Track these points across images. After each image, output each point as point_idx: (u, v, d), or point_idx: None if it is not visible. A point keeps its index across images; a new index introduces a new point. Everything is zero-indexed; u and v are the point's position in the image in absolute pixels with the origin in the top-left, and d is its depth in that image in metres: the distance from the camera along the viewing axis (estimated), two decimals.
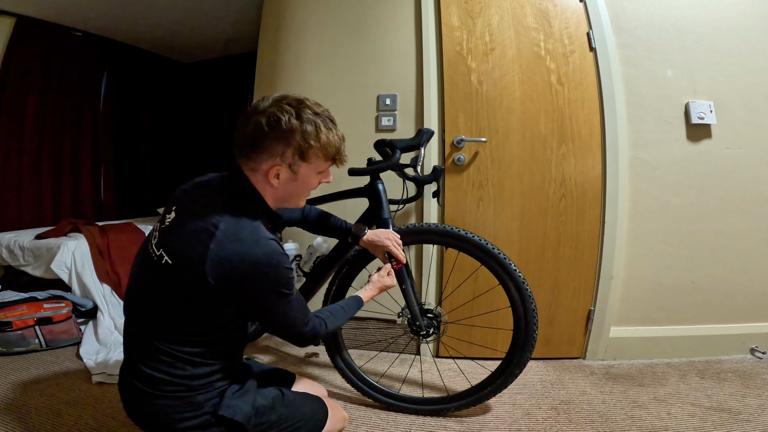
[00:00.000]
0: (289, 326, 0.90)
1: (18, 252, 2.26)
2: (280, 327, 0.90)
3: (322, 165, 0.89)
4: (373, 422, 1.33)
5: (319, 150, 0.85)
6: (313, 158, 0.86)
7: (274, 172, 0.85)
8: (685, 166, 1.76)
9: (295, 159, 0.85)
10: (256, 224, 0.83)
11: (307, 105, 0.85)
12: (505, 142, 1.77)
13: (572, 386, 1.56)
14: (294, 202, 0.93)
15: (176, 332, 0.81)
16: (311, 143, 0.84)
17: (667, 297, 1.79)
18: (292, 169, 0.86)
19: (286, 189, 0.89)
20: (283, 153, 0.84)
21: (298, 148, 0.83)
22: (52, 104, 2.96)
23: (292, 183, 0.88)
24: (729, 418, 1.32)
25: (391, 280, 1.23)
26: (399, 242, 1.26)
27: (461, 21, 1.80)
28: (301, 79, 1.97)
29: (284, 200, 0.92)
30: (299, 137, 0.83)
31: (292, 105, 0.83)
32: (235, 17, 3.01)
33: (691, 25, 1.74)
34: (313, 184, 0.91)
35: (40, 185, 2.93)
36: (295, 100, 0.85)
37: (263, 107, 0.84)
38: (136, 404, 0.84)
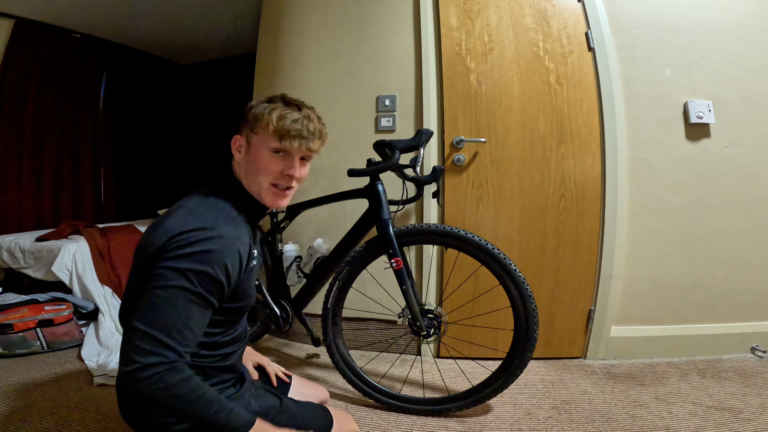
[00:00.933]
0: (147, 330, 0.65)
1: (19, 254, 2.26)
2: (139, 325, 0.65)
3: (271, 140, 0.85)
4: (374, 423, 1.33)
5: (267, 123, 0.85)
6: (260, 130, 0.86)
7: (236, 144, 0.90)
8: (684, 166, 1.76)
9: (248, 132, 0.88)
10: (221, 204, 0.82)
11: (284, 95, 0.90)
12: (504, 143, 1.77)
13: (573, 386, 1.56)
14: (255, 182, 0.87)
15: None
16: (262, 114, 0.85)
17: (667, 296, 1.80)
18: (248, 139, 0.88)
19: (245, 162, 0.88)
20: (243, 127, 0.90)
21: (252, 119, 0.87)
22: (52, 106, 2.96)
23: (247, 156, 0.88)
24: (730, 417, 1.32)
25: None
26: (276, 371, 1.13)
27: (460, 21, 1.80)
28: (301, 81, 1.98)
29: (246, 176, 0.88)
30: (255, 110, 0.87)
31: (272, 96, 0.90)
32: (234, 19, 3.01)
33: (689, 24, 1.74)
34: (267, 162, 0.86)
35: (40, 187, 2.93)
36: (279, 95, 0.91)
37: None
38: (128, 407, 0.82)
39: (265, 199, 0.88)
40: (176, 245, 0.70)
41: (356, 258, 1.44)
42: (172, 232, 0.72)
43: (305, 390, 1.14)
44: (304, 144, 0.86)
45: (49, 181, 2.98)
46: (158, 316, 0.67)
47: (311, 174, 1.94)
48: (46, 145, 2.95)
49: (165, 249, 0.71)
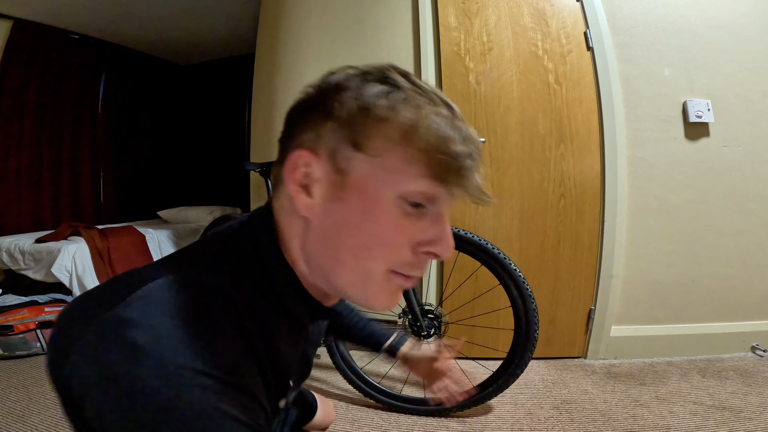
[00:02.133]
0: None
1: (18, 256, 2.26)
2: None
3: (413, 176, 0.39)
4: (375, 423, 1.33)
5: (391, 133, 0.38)
6: (385, 149, 0.39)
7: (300, 168, 0.41)
8: (683, 165, 1.76)
9: (341, 145, 0.40)
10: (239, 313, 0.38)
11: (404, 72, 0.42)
12: (503, 142, 1.77)
13: (574, 386, 1.56)
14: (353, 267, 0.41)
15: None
16: (377, 111, 0.39)
17: (667, 295, 1.79)
18: (336, 164, 0.40)
19: (328, 220, 0.41)
20: (319, 136, 0.41)
21: (349, 122, 0.39)
22: (51, 107, 2.96)
23: (339, 206, 0.40)
24: (731, 417, 1.31)
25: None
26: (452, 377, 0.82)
27: (459, 21, 1.80)
28: (300, 81, 1.97)
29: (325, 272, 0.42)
30: (349, 102, 0.39)
31: (358, 68, 0.43)
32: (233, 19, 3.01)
33: (688, 24, 1.74)
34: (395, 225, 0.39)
35: (40, 189, 2.93)
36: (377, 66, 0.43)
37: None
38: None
39: (372, 300, 0.42)
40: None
41: None
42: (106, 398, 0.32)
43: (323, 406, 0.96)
44: (476, 184, 0.41)
45: (49, 182, 2.98)
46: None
47: None
48: (45, 146, 2.95)
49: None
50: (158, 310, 0.34)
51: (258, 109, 2.17)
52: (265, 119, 2.09)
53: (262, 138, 2.11)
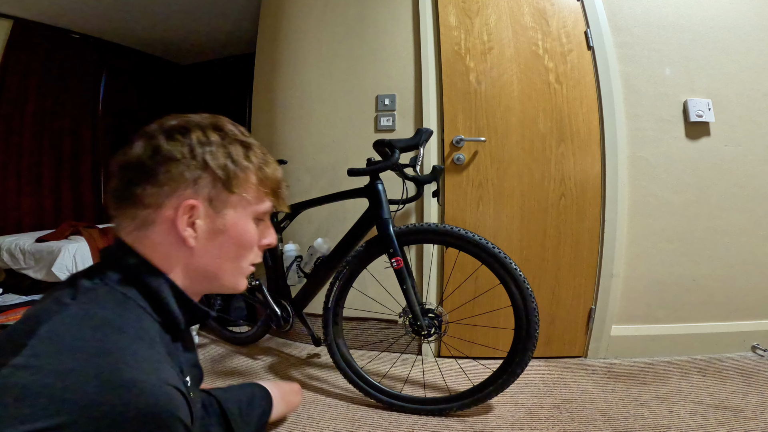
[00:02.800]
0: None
1: (19, 255, 2.26)
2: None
3: (262, 202, 0.60)
4: (375, 422, 1.33)
5: (250, 175, 0.58)
6: (246, 189, 0.58)
7: (183, 213, 0.54)
8: (684, 164, 1.76)
9: (218, 189, 0.56)
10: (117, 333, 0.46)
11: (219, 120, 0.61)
12: (504, 142, 1.77)
13: (574, 385, 1.56)
14: (232, 271, 0.60)
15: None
16: (237, 162, 0.57)
17: (667, 295, 1.79)
18: (214, 206, 0.56)
19: (213, 244, 0.57)
20: (196, 179, 0.55)
21: (222, 169, 0.56)
22: (51, 107, 2.96)
23: (220, 234, 0.57)
24: (731, 416, 1.31)
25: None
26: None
27: (459, 20, 1.80)
28: (300, 80, 1.98)
29: (210, 275, 0.59)
30: (219, 159, 0.56)
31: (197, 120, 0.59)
32: (233, 18, 3.01)
33: (688, 23, 1.74)
34: (253, 234, 0.61)
35: (40, 188, 2.93)
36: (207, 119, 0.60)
37: (152, 128, 0.59)
38: None
39: (241, 286, 0.63)
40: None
41: (356, 257, 1.43)
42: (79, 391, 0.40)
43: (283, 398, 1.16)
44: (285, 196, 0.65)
45: (49, 181, 2.98)
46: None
47: (311, 173, 1.95)
48: (46, 146, 2.95)
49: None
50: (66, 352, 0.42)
51: (258, 109, 2.17)
52: (265, 119, 2.09)
53: (262, 137, 2.11)
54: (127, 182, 0.55)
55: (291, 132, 1.99)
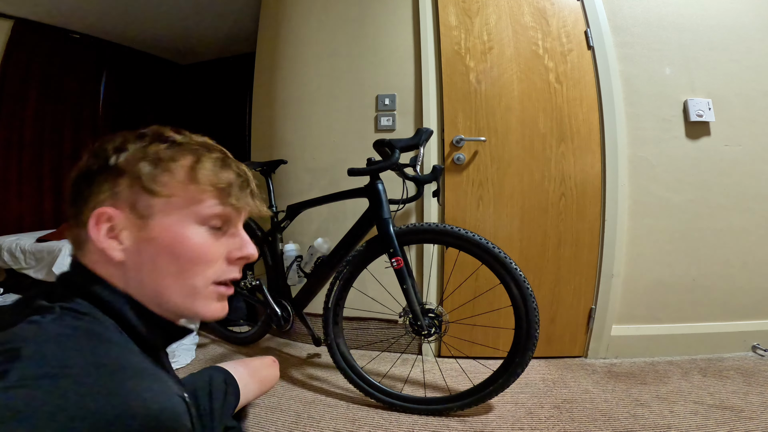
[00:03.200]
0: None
1: (19, 255, 2.27)
2: None
3: (205, 204, 0.50)
4: (375, 422, 1.33)
5: (178, 175, 0.50)
6: (175, 189, 0.50)
7: (103, 224, 0.48)
8: (684, 164, 1.76)
9: (138, 195, 0.49)
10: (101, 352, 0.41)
11: (160, 129, 0.55)
12: (504, 141, 1.77)
13: (574, 385, 1.56)
14: (178, 291, 0.50)
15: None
16: (161, 160, 0.50)
17: (668, 295, 1.79)
18: (137, 211, 0.49)
19: (144, 258, 0.49)
20: (114, 187, 0.49)
21: (138, 170, 0.49)
22: (52, 107, 2.96)
23: (149, 245, 0.48)
24: (732, 416, 1.31)
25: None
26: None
27: (459, 20, 1.80)
28: (300, 80, 1.98)
29: (150, 294, 0.50)
30: (135, 159, 0.50)
31: (132, 132, 0.54)
32: (233, 18, 3.01)
33: (688, 23, 1.74)
34: (201, 246, 0.50)
35: (41, 188, 2.93)
36: (149, 128, 0.55)
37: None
38: None
39: (203, 311, 0.52)
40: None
41: (357, 257, 1.43)
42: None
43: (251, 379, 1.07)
44: (253, 200, 0.55)
45: (50, 181, 2.98)
46: None
47: (311, 173, 1.95)
48: (47, 146, 2.95)
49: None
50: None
51: (258, 108, 2.17)
52: (265, 118, 2.09)
53: (262, 137, 2.11)
54: (69, 204, 0.51)
55: (291, 132, 1.99)
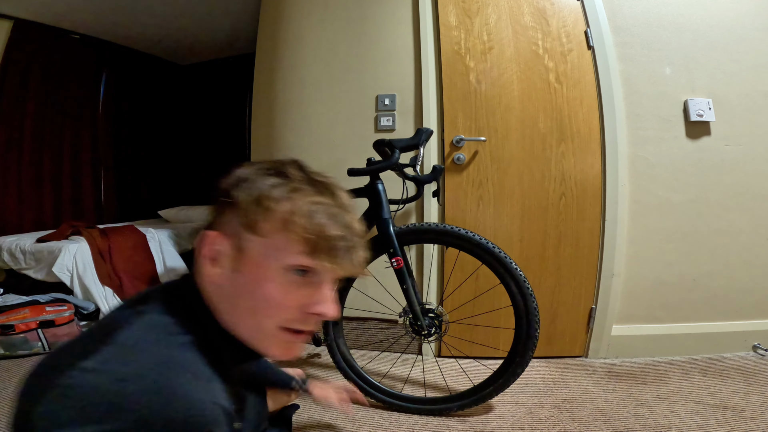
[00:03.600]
0: None
1: (19, 255, 2.26)
2: None
3: (291, 250, 0.50)
4: (375, 422, 1.33)
5: (285, 219, 0.50)
6: (269, 229, 0.50)
7: (210, 246, 0.52)
8: (684, 164, 1.76)
9: (238, 229, 0.51)
10: (177, 358, 0.46)
11: (298, 161, 0.55)
12: (504, 141, 1.77)
13: (575, 385, 1.56)
14: (250, 323, 0.52)
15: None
16: (272, 199, 0.50)
17: (668, 294, 1.79)
18: (238, 243, 0.51)
19: (231, 284, 0.52)
20: (224, 218, 0.53)
21: (249, 206, 0.51)
22: (51, 107, 2.96)
23: (237, 275, 0.51)
24: (732, 416, 1.31)
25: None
26: (346, 398, 1.06)
27: (459, 20, 1.80)
28: (300, 80, 1.97)
29: (233, 310, 0.53)
30: (255, 189, 0.51)
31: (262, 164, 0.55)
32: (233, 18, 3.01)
33: (688, 23, 1.74)
34: (279, 291, 0.51)
35: (41, 188, 2.93)
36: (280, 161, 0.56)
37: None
38: None
39: (265, 350, 0.54)
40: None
41: None
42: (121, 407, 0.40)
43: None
44: (353, 260, 0.52)
45: (50, 182, 2.98)
46: None
47: None
48: (46, 146, 2.95)
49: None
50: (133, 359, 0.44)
51: (258, 109, 2.17)
52: (265, 119, 2.09)
53: (262, 137, 2.11)
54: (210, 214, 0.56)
55: (291, 132, 1.99)
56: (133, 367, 0.43)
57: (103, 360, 0.43)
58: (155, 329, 0.48)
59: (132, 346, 0.45)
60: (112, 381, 0.41)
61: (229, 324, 0.53)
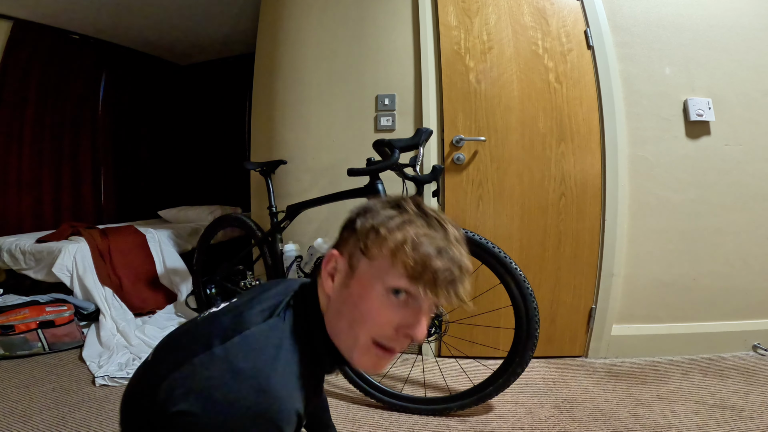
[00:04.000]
0: None
1: (19, 256, 2.26)
2: None
3: (393, 275, 0.56)
4: (376, 422, 1.33)
5: (392, 247, 0.56)
6: (377, 254, 0.57)
7: (330, 264, 0.62)
8: (684, 163, 1.76)
9: (354, 251, 0.60)
10: (288, 356, 0.57)
11: (417, 200, 0.62)
12: (504, 141, 1.77)
13: (575, 384, 1.56)
14: (348, 332, 0.59)
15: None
16: (385, 229, 0.57)
17: (668, 294, 1.79)
18: (352, 262, 0.60)
19: (339, 296, 0.60)
20: (347, 240, 0.62)
21: (366, 232, 0.59)
22: (51, 107, 2.96)
23: (346, 290, 0.60)
24: (732, 415, 1.31)
25: None
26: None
27: (459, 20, 1.80)
28: (300, 80, 1.97)
29: (337, 319, 0.61)
30: (372, 220, 0.59)
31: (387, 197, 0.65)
32: (232, 18, 3.01)
33: (688, 22, 1.74)
34: (378, 307, 0.57)
35: (40, 189, 2.93)
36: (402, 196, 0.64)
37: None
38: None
39: (356, 360, 0.60)
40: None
41: None
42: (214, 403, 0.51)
43: None
44: (453, 292, 0.56)
45: (49, 182, 2.98)
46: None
47: (311, 173, 1.95)
48: (46, 147, 2.95)
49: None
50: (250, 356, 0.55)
51: (258, 109, 2.17)
52: (265, 119, 2.09)
53: (262, 137, 2.11)
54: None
55: (291, 132, 1.99)
56: (250, 365, 0.53)
57: (230, 349, 0.55)
58: (277, 333, 0.59)
59: (254, 345, 0.56)
60: (231, 373, 0.52)
61: (331, 333, 0.62)
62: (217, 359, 0.54)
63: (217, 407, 0.50)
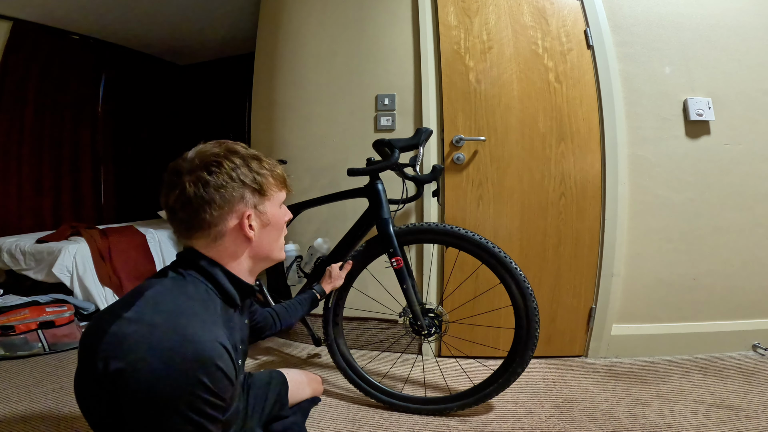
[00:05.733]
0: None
1: (19, 256, 2.27)
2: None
3: (281, 193, 0.82)
4: (376, 422, 1.33)
5: (272, 179, 0.79)
6: (271, 190, 0.79)
7: (245, 221, 0.75)
8: (684, 163, 1.76)
9: (255, 201, 0.76)
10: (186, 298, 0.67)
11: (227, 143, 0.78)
12: (504, 141, 1.77)
13: (575, 384, 1.56)
14: (276, 248, 0.83)
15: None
16: (264, 174, 0.77)
17: (668, 294, 1.79)
18: (259, 209, 0.77)
19: (262, 235, 0.78)
20: (242, 195, 0.74)
21: (259, 185, 0.76)
22: (51, 108, 2.96)
23: (266, 227, 0.79)
24: (732, 415, 1.31)
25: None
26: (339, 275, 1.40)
27: (458, 20, 1.80)
28: (299, 80, 1.97)
29: (265, 257, 0.81)
30: (253, 174, 0.75)
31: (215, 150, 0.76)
32: (232, 18, 3.01)
33: (688, 22, 1.74)
34: (282, 217, 0.83)
35: (40, 189, 2.93)
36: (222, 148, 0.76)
37: (186, 166, 0.76)
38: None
39: (282, 257, 0.86)
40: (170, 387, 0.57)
41: (356, 257, 1.43)
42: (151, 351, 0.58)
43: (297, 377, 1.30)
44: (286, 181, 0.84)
45: (49, 182, 2.98)
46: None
47: (311, 173, 1.95)
48: (46, 147, 2.95)
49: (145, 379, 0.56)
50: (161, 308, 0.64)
51: (258, 109, 2.17)
52: (265, 119, 2.09)
53: (262, 137, 2.11)
54: (193, 213, 0.72)
55: (291, 132, 1.99)
56: (161, 317, 0.61)
57: (138, 310, 0.62)
58: (177, 286, 0.70)
59: (158, 299, 0.65)
60: (146, 327, 0.59)
61: (241, 270, 0.78)
62: (130, 321, 0.60)
63: (146, 357, 0.56)
